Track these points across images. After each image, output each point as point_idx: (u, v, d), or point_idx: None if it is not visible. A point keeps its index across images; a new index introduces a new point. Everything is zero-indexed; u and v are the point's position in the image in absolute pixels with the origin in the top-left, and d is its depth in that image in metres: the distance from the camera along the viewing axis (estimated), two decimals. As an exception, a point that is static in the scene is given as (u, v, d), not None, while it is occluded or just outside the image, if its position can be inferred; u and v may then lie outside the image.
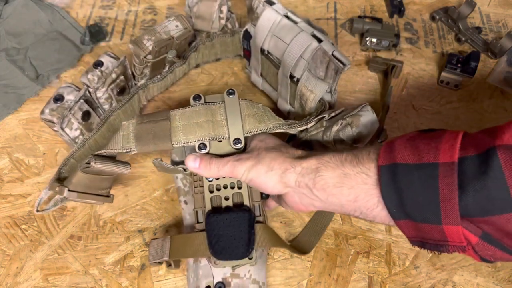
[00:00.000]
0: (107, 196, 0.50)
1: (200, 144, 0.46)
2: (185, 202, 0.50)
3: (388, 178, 0.33)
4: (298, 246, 0.50)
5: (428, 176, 0.32)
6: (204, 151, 0.46)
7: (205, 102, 0.48)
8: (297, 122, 0.48)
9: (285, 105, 0.60)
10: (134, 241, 0.52)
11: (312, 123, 0.49)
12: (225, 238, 0.43)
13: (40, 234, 0.52)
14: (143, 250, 0.51)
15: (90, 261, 0.50)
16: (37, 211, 0.49)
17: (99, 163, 0.45)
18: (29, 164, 0.57)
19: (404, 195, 0.32)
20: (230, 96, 0.48)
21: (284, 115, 0.61)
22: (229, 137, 0.46)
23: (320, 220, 0.52)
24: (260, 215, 0.45)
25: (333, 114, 0.48)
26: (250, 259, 0.43)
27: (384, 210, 0.35)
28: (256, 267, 0.46)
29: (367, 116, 0.46)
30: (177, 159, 0.50)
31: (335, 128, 0.46)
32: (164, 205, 0.54)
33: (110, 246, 0.51)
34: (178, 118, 0.47)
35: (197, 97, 0.48)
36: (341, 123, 0.46)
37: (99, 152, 0.46)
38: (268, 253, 0.51)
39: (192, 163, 0.43)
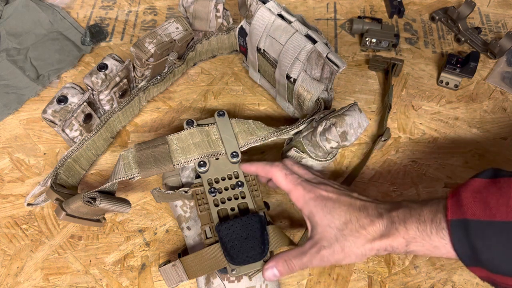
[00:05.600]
0: (99, 221, 0.50)
1: (200, 161, 0.48)
2: (188, 228, 0.49)
3: (461, 234, 0.34)
4: None
5: (503, 235, 0.33)
6: (204, 168, 0.48)
7: (198, 125, 0.51)
8: (287, 127, 0.51)
9: (283, 102, 0.60)
10: (134, 240, 0.52)
11: (304, 125, 0.50)
12: (240, 242, 0.43)
13: (40, 234, 0.52)
14: (144, 250, 0.51)
15: (90, 261, 0.50)
16: (28, 204, 0.50)
17: (104, 203, 0.45)
18: (29, 164, 0.57)
19: (479, 251, 0.33)
20: (221, 117, 0.52)
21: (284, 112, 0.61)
22: (226, 153, 0.49)
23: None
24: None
25: (322, 115, 0.49)
26: (265, 262, 0.43)
27: (449, 254, 0.36)
28: None
29: (354, 116, 0.46)
30: (170, 184, 0.51)
31: (320, 128, 0.46)
32: (164, 205, 0.54)
33: (110, 246, 0.51)
34: (175, 141, 0.49)
35: (189, 122, 0.51)
36: (325, 124, 0.46)
37: (103, 187, 0.46)
38: None
39: (272, 275, 0.42)
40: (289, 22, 0.52)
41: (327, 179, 0.46)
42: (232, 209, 0.46)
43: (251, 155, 0.58)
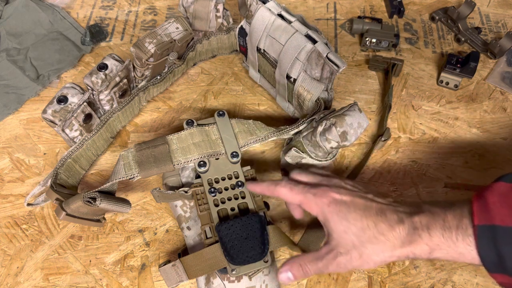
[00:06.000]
0: (99, 221, 0.50)
1: (200, 161, 0.48)
2: (188, 228, 0.49)
3: (488, 240, 0.33)
4: (305, 247, 0.50)
5: None
6: (204, 168, 0.48)
7: (198, 125, 0.51)
8: (287, 127, 0.51)
9: (283, 102, 0.60)
10: (134, 240, 0.52)
11: (304, 125, 0.50)
12: (240, 242, 0.43)
13: (40, 234, 0.52)
14: (144, 250, 0.51)
15: (90, 261, 0.50)
16: (28, 204, 0.50)
17: (104, 203, 0.45)
18: (29, 164, 0.57)
19: (506, 258, 0.33)
20: (221, 117, 0.52)
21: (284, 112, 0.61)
22: (226, 153, 0.49)
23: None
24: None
25: (322, 115, 0.49)
26: (265, 262, 0.43)
27: (474, 261, 0.35)
28: (270, 277, 0.46)
29: (354, 116, 0.46)
30: (170, 184, 0.51)
31: (320, 128, 0.46)
32: (164, 204, 0.54)
33: (110, 246, 0.51)
34: (175, 141, 0.49)
35: (189, 122, 0.51)
36: (325, 124, 0.46)
37: (103, 187, 0.46)
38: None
39: (286, 279, 0.41)
40: (289, 22, 0.52)
41: (338, 178, 0.44)
42: (232, 209, 0.46)
43: (251, 155, 0.58)
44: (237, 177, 0.49)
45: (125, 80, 0.54)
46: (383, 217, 0.38)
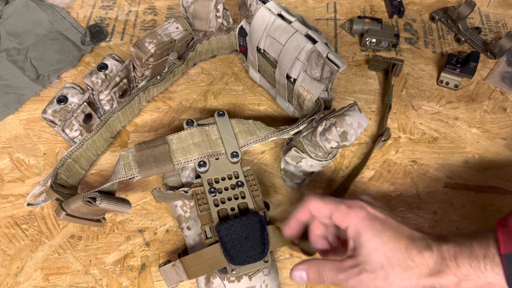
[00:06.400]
0: (99, 221, 0.50)
1: (200, 161, 0.48)
2: (188, 228, 0.49)
3: None
4: (305, 247, 0.50)
5: None
6: (204, 168, 0.48)
7: (198, 125, 0.51)
8: (287, 127, 0.51)
9: (283, 102, 0.60)
10: (134, 240, 0.52)
11: (304, 125, 0.50)
12: (240, 242, 0.43)
13: (40, 234, 0.52)
14: (144, 250, 0.51)
15: (90, 261, 0.50)
16: (28, 204, 0.50)
17: (104, 203, 0.45)
18: (29, 164, 0.57)
19: None
20: (221, 117, 0.52)
21: (284, 112, 0.61)
22: (226, 153, 0.49)
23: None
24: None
25: (322, 115, 0.49)
26: (265, 262, 0.43)
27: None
28: (270, 277, 0.46)
29: (354, 116, 0.46)
30: (170, 184, 0.51)
31: (320, 128, 0.46)
32: (164, 205, 0.54)
33: (110, 246, 0.51)
34: (175, 141, 0.49)
35: (189, 122, 0.51)
36: (325, 124, 0.46)
37: (103, 187, 0.46)
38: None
39: (299, 278, 0.39)
40: (289, 22, 0.52)
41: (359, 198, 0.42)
42: (232, 209, 0.46)
43: (251, 155, 0.58)
44: (237, 177, 0.49)
45: (125, 80, 0.54)
46: (413, 241, 0.37)
